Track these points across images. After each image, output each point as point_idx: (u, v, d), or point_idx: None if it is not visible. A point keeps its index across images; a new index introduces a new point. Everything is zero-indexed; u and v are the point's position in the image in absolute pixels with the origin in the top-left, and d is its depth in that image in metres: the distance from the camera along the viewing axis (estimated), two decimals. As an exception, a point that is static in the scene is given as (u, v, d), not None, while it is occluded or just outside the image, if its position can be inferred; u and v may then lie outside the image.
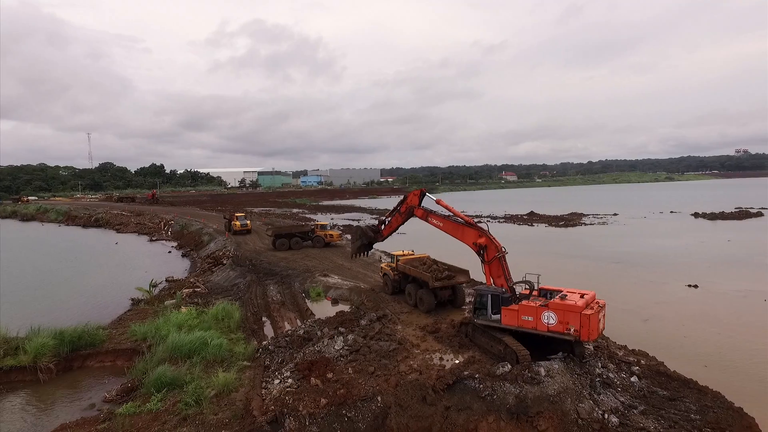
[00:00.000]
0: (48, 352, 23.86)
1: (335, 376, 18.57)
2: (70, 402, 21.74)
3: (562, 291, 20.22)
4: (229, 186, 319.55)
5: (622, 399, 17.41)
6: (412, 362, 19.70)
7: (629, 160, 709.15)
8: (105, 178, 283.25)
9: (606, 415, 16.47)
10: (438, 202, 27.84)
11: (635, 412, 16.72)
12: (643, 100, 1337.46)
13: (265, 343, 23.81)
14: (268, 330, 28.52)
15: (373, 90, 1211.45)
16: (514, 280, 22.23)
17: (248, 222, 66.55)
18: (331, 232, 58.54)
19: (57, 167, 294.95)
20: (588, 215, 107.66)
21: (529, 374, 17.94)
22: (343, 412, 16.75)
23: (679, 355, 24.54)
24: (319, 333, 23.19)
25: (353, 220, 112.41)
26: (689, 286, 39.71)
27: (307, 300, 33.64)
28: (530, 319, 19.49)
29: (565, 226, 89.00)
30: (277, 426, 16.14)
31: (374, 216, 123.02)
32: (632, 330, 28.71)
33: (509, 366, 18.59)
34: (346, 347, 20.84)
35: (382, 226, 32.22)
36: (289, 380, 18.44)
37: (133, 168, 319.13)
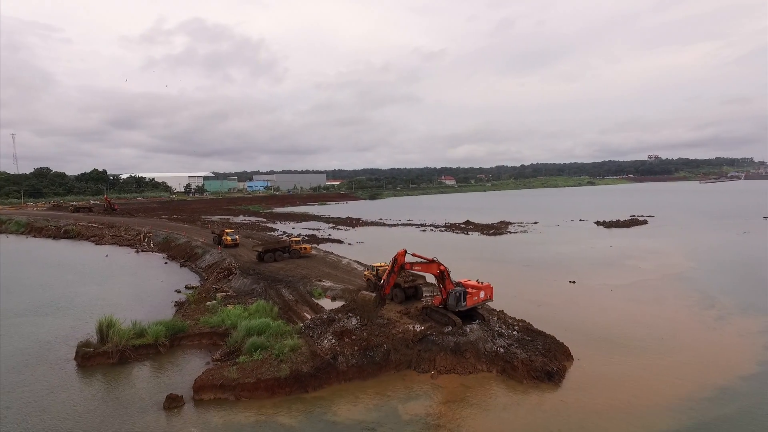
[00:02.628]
0: (162, 334, 37.16)
1: (357, 337, 33.73)
2: (189, 362, 35.39)
3: (462, 282, 37.22)
4: (175, 191, 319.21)
5: (507, 342, 33.87)
6: (398, 329, 35.22)
7: (558, 164, 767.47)
8: (43, 183, 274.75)
9: (498, 349, 32.83)
10: (414, 254, 40.86)
11: (512, 347, 33.21)
12: (571, 106, 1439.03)
13: (305, 323, 38.36)
14: (295, 318, 42.91)
15: (315, 92, 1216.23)
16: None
17: (237, 237, 79.13)
18: (304, 246, 72.24)
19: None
20: (513, 223, 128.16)
21: (461, 331, 34.04)
22: (367, 353, 32.03)
23: (552, 323, 41.23)
24: (337, 317, 38.08)
25: (314, 229, 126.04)
26: (570, 282, 58.11)
27: (312, 298, 48.18)
28: (476, 297, 35.95)
29: (494, 234, 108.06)
30: (335, 360, 31.10)
31: (331, 225, 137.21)
32: (529, 311, 45.24)
33: (451, 328, 34.59)
34: (358, 323, 35.99)
35: (383, 289, 38.66)
36: (333, 340, 33.39)
37: (62, 169, 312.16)
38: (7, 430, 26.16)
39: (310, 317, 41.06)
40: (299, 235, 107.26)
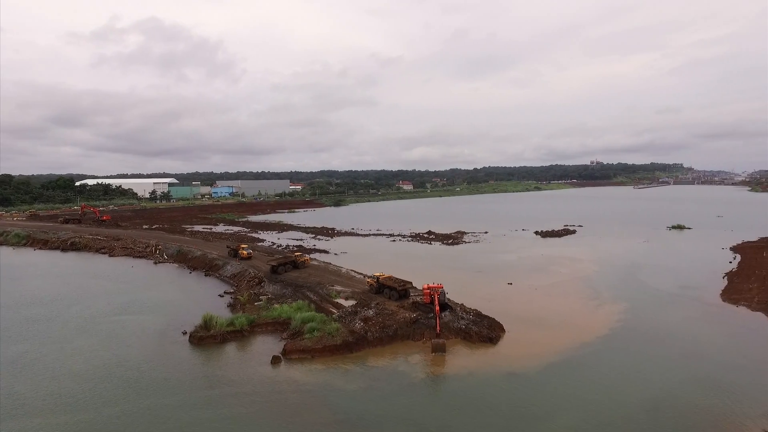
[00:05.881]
0: (245, 323, 56.61)
1: (376, 321, 54.65)
2: (266, 340, 54.99)
3: (425, 285, 58.62)
4: (141, 197, 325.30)
5: (466, 322, 55.80)
6: (400, 316, 56.39)
7: (508, 167, 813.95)
8: (7, 191, 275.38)
9: (461, 326, 54.76)
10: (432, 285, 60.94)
11: (470, 325, 55.18)
12: (521, 111, 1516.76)
13: (337, 314, 58.71)
14: (325, 312, 63.04)
15: (272, 93, 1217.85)
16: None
17: (251, 251, 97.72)
18: (306, 258, 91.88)
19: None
20: (468, 233, 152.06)
21: (439, 316, 55.75)
22: (384, 330, 53.10)
23: (494, 311, 63.15)
24: (358, 310, 58.78)
25: (298, 240, 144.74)
26: (508, 283, 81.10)
27: (331, 298, 68.34)
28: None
29: (452, 243, 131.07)
30: (366, 335, 51.87)
31: (311, 235, 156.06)
32: (480, 304, 67.03)
33: (432, 314, 56.15)
34: (374, 313, 56.89)
35: (437, 332, 54.12)
36: (361, 323, 54.19)
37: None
38: (170, 376, 45.13)
39: (336, 311, 61.41)
40: (287, 246, 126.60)
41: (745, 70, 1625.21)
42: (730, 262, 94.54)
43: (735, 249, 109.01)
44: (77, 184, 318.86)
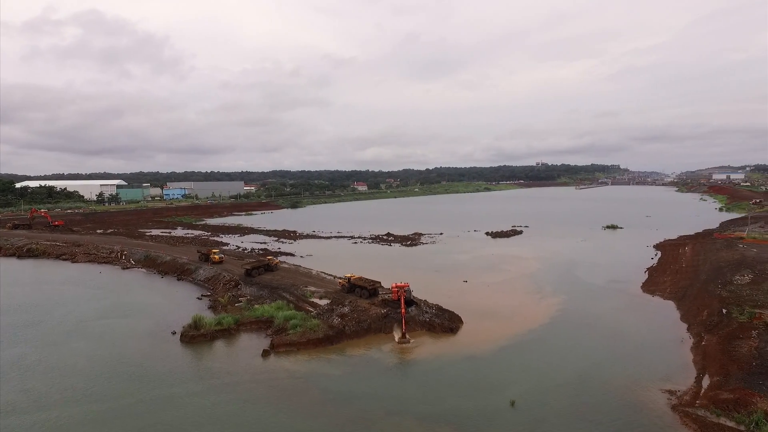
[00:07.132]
0: (231, 323, 62.16)
1: (351, 317, 61.82)
2: (253, 336, 60.84)
3: (393, 284, 66.67)
4: (86, 199, 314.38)
5: (429, 316, 64.05)
6: (372, 312, 63.82)
7: (459, 168, 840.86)
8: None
9: (425, 319, 62.94)
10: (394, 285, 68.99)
11: (433, 318, 63.46)
12: (471, 113, 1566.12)
13: (316, 312, 65.36)
14: (303, 311, 69.43)
15: (221, 91, 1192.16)
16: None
17: (223, 255, 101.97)
18: (276, 261, 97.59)
19: None
20: (425, 234, 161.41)
21: (406, 311, 63.69)
22: (359, 324, 60.37)
23: (453, 305, 71.67)
24: (334, 308, 65.73)
25: (261, 243, 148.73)
26: (464, 281, 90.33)
27: (306, 298, 74.72)
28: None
29: (411, 245, 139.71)
30: (344, 329, 58.93)
31: (274, 238, 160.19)
32: (441, 299, 75.40)
33: (400, 310, 64.02)
34: (349, 310, 64.03)
35: (402, 330, 62.64)
36: (339, 319, 61.19)
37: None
38: (173, 370, 50.49)
39: (314, 309, 68.02)
40: (252, 250, 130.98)
41: (674, 78, 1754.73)
42: (652, 258, 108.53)
43: (657, 246, 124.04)
44: (18, 185, 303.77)
